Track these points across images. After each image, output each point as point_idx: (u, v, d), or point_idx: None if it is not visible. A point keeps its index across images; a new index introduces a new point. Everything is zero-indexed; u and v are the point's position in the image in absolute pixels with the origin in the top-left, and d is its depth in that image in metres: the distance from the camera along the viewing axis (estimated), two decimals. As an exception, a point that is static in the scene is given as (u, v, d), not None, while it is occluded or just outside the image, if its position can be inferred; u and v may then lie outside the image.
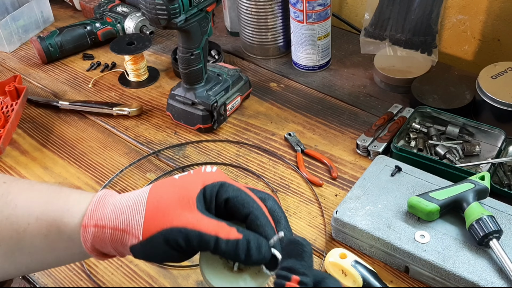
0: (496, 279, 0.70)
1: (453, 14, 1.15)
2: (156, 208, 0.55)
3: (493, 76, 0.97)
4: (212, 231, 0.53)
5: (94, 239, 0.56)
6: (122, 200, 0.57)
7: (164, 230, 0.53)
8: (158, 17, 0.88)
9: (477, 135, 0.95)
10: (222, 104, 1.03)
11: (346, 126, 1.03)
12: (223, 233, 0.53)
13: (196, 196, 0.55)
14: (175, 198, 0.55)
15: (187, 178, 0.57)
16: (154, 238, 0.53)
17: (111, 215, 0.56)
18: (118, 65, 1.25)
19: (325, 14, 1.10)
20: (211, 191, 0.56)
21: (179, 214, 0.53)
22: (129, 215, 0.55)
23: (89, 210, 0.57)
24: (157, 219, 0.54)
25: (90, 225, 0.56)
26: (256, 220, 0.55)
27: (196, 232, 0.53)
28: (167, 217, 0.53)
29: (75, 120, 1.10)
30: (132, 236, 0.55)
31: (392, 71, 1.10)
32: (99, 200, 0.57)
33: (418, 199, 0.77)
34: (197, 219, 0.53)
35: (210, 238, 0.53)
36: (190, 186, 0.56)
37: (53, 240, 0.58)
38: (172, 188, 0.56)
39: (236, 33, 1.29)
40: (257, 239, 0.54)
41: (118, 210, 0.56)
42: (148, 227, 0.54)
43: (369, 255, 0.80)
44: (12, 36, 1.31)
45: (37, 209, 0.58)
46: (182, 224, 0.53)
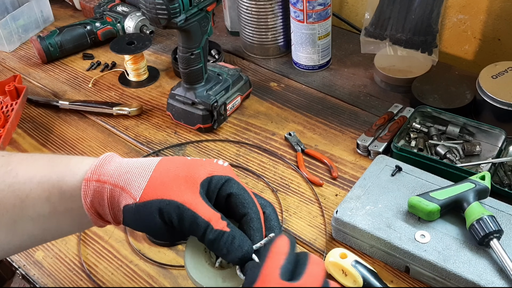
0: (496, 279, 0.70)
1: (454, 13, 1.15)
2: (160, 178, 0.55)
3: (493, 76, 0.97)
4: (207, 217, 0.53)
5: (94, 194, 0.56)
6: (129, 161, 0.58)
7: (163, 200, 0.54)
8: (158, 16, 0.88)
9: (478, 135, 0.95)
10: (222, 104, 1.03)
11: (347, 126, 1.03)
12: (215, 222, 0.53)
13: (201, 181, 0.55)
14: (181, 175, 0.55)
15: (198, 162, 0.58)
16: (150, 203, 0.54)
17: (114, 173, 0.56)
18: (118, 65, 1.24)
19: (326, 13, 1.10)
20: (217, 182, 0.56)
21: (181, 191, 0.54)
22: (133, 176, 0.56)
23: (94, 165, 0.57)
24: (159, 188, 0.54)
25: (92, 179, 0.56)
26: (250, 222, 0.56)
27: (191, 212, 0.53)
28: (169, 189, 0.54)
29: (75, 120, 1.10)
30: (130, 196, 0.55)
31: (393, 70, 1.10)
32: (105, 158, 0.58)
33: (419, 199, 0.77)
34: (196, 201, 0.54)
35: (202, 222, 0.53)
36: (199, 170, 0.56)
37: (55, 202, 0.58)
38: (181, 165, 0.57)
39: (236, 32, 1.29)
40: (242, 238, 0.54)
41: (123, 168, 0.56)
42: (147, 192, 0.54)
43: (369, 255, 0.79)
44: (12, 36, 1.31)
45: (38, 174, 0.59)
46: (181, 201, 0.54)
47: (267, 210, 0.58)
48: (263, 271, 0.50)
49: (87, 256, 0.83)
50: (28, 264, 0.82)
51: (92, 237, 0.85)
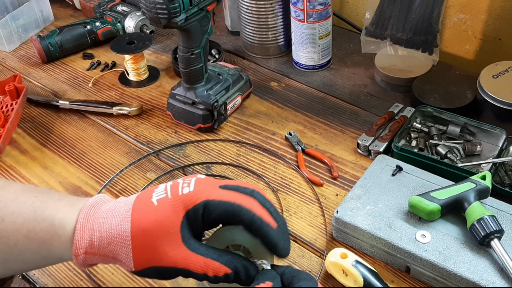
0: (497, 279, 0.70)
1: (454, 13, 1.15)
2: (143, 246, 0.55)
3: (494, 76, 0.97)
4: (200, 270, 0.55)
5: (86, 261, 0.58)
6: (105, 225, 0.57)
7: (155, 267, 0.55)
8: (158, 16, 0.88)
9: (478, 135, 0.95)
10: (222, 104, 1.02)
11: (347, 126, 1.03)
12: (211, 271, 0.55)
13: (179, 227, 0.55)
14: (160, 234, 0.55)
15: (166, 205, 0.56)
16: (146, 272, 0.56)
17: (99, 245, 0.57)
18: (118, 65, 1.24)
19: (326, 13, 1.09)
20: (195, 216, 0.56)
21: (167, 252, 0.55)
22: (116, 247, 0.56)
23: (76, 239, 0.57)
24: (146, 256, 0.55)
25: (80, 254, 0.58)
26: (249, 224, 0.55)
27: (185, 270, 0.55)
28: (156, 255, 0.55)
29: (75, 120, 1.09)
30: (125, 266, 0.57)
31: (393, 70, 1.10)
32: (82, 228, 0.58)
33: (419, 198, 0.77)
34: (185, 257, 0.55)
35: (199, 275, 0.55)
36: (172, 215, 0.55)
37: (45, 255, 0.60)
38: (154, 220, 0.55)
39: (236, 32, 1.29)
40: (245, 268, 0.56)
41: (104, 240, 0.57)
42: (138, 262, 0.56)
43: (370, 255, 0.79)
44: (12, 35, 1.31)
45: (24, 226, 0.59)
46: (171, 263, 0.55)
47: (257, 198, 0.57)
48: None
49: (87, 256, 0.83)
50: (28, 264, 0.82)
51: (92, 237, 0.85)
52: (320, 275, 0.77)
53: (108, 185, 0.94)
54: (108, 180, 0.95)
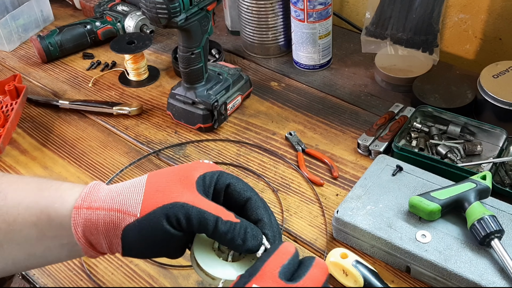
0: (497, 279, 0.70)
1: (455, 13, 1.15)
2: (156, 187, 0.54)
3: (494, 75, 0.97)
4: (213, 211, 0.53)
5: (85, 223, 0.55)
6: (118, 185, 0.57)
7: (165, 205, 0.53)
8: (158, 16, 0.88)
9: (479, 135, 0.94)
10: (222, 103, 1.02)
11: (347, 126, 1.03)
12: (223, 214, 0.53)
13: (196, 180, 0.55)
14: (175, 178, 0.55)
15: (186, 165, 0.58)
16: (154, 213, 0.53)
17: (106, 198, 0.55)
18: (118, 64, 1.24)
19: (326, 13, 1.09)
20: (211, 178, 0.57)
21: (180, 192, 0.54)
22: (127, 195, 0.54)
23: (84, 193, 0.56)
24: (157, 196, 0.54)
25: (82, 207, 0.55)
26: (256, 203, 0.57)
27: (198, 209, 0.53)
28: (168, 194, 0.53)
29: (75, 120, 1.09)
30: (129, 215, 0.53)
31: (393, 70, 1.10)
32: (94, 185, 0.57)
33: (420, 198, 0.77)
34: (198, 198, 0.54)
35: (211, 217, 0.53)
36: (190, 171, 0.56)
37: (43, 228, 0.57)
38: (171, 172, 0.56)
39: (236, 32, 1.29)
40: (253, 227, 0.55)
41: (114, 193, 0.55)
42: (147, 204, 0.53)
43: (370, 255, 0.79)
44: (11, 35, 1.31)
45: (27, 198, 0.57)
46: (184, 200, 0.53)
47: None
48: (264, 267, 0.50)
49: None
50: (28, 264, 0.82)
51: (92, 237, 0.85)
52: (320, 275, 0.77)
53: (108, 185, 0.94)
54: (108, 180, 0.95)
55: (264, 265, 0.50)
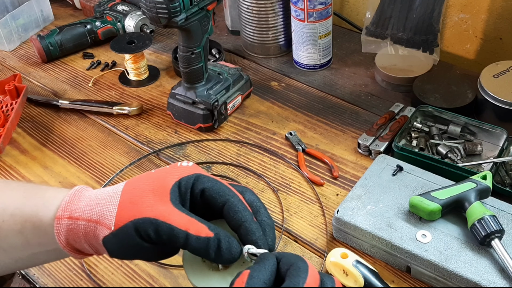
0: (498, 279, 0.69)
1: (455, 12, 1.15)
2: (129, 199, 0.54)
3: (495, 75, 0.97)
4: (183, 226, 0.52)
5: (68, 232, 0.55)
6: (98, 193, 0.57)
7: (136, 220, 0.52)
8: (158, 15, 0.88)
9: (479, 134, 0.94)
10: (222, 103, 1.02)
11: (348, 125, 1.03)
12: (194, 229, 0.52)
13: (170, 188, 0.54)
14: (149, 189, 0.54)
15: (162, 171, 0.57)
16: (125, 227, 0.53)
17: (85, 208, 0.55)
18: (118, 64, 1.24)
19: (326, 12, 1.09)
20: (186, 183, 0.55)
21: (152, 205, 0.53)
22: (103, 207, 0.54)
23: (64, 202, 0.56)
24: (129, 209, 0.53)
25: (63, 217, 0.55)
26: (234, 207, 0.54)
27: (166, 225, 0.52)
28: (140, 207, 0.53)
29: (75, 119, 1.09)
30: (105, 227, 0.54)
31: (394, 70, 1.10)
32: (74, 193, 0.57)
33: (420, 198, 0.77)
34: (169, 212, 0.53)
35: (180, 232, 0.52)
36: (165, 178, 0.55)
37: (28, 236, 0.57)
38: (146, 180, 0.55)
39: (237, 31, 1.29)
40: (228, 238, 0.53)
41: (93, 202, 0.55)
42: (120, 217, 0.53)
43: (370, 255, 0.79)
44: (12, 35, 1.31)
45: (11, 205, 0.58)
46: (153, 215, 0.52)
47: (247, 195, 0.57)
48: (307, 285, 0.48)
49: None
50: (28, 264, 0.82)
51: (92, 237, 0.85)
52: (321, 275, 0.77)
53: (108, 185, 0.94)
54: (108, 180, 0.95)
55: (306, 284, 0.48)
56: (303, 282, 0.48)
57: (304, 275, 0.49)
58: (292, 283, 0.48)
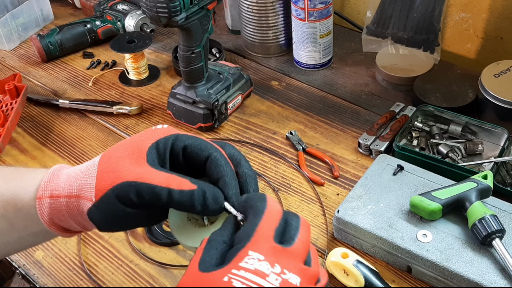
0: (498, 278, 0.69)
1: (456, 12, 1.14)
2: (106, 168, 0.53)
3: (496, 75, 0.97)
4: (164, 183, 0.51)
5: (51, 211, 0.55)
6: (76, 169, 0.56)
7: (115, 186, 0.51)
8: (158, 15, 0.88)
9: (480, 134, 0.94)
10: (223, 103, 1.02)
11: (348, 125, 1.02)
12: (175, 184, 0.51)
13: (147, 151, 0.53)
14: (125, 154, 0.53)
15: (137, 136, 0.55)
16: (106, 196, 0.52)
17: (65, 184, 0.54)
18: (119, 64, 1.24)
19: (327, 12, 1.09)
20: (165, 144, 0.54)
21: (129, 169, 0.52)
22: (82, 180, 0.54)
23: (43, 181, 0.55)
24: (107, 177, 0.52)
25: (44, 196, 0.54)
26: (216, 161, 0.53)
27: (146, 185, 0.51)
28: (117, 173, 0.52)
29: (75, 119, 1.09)
30: (87, 200, 0.53)
31: (394, 69, 1.09)
32: (53, 172, 0.56)
33: (421, 198, 0.76)
34: (147, 172, 0.51)
35: (162, 189, 0.50)
36: (141, 141, 0.54)
37: (11, 219, 0.56)
38: (122, 147, 0.54)
39: (237, 31, 1.29)
40: (212, 189, 0.52)
41: (72, 178, 0.55)
42: (99, 187, 0.52)
43: (371, 255, 0.79)
44: (11, 34, 1.31)
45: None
46: (131, 178, 0.51)
47: (226, 149, 0.56)
48: (258, 231, 0.46)
49: (87, 256, 0.82)
50: (28, 264, 0.82)
51: (92, 237, 0.85)
52: (321, 275, 0.77)
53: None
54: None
55: (257, 229, 0.46)
56: (254, 229, 0.46)
57: (258, 217, 0.47)
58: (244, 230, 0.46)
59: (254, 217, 0.47)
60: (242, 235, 0.46)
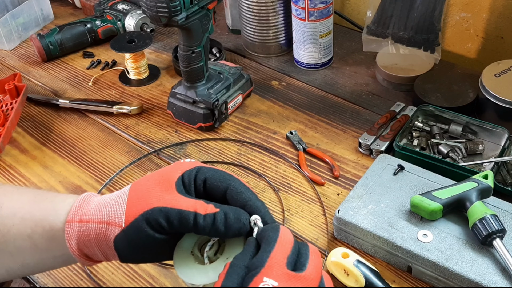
0: (499, 278, 0.69)
1: (456, 11, 1.14)
2: (137, 195, 0.56)
3: (496, 74, 0.97)
4: (191, 208, 0.54)
5: (78, 236, 0.56)
6: (106, 197, 0.58)
7: (145, 212, 0.54)
8: (159, 14, 0.88)
9: (480, 134, 0.94)
10: (223, 103, 1.02)
11: (348, 125, 1.02)
12: (201, 209, 0.54)
13: (175, 181, 0.56)
14: (154, 183, 0.56)
15: (166, 168, 0.59)
16: (136, 221, 0.54)
17: (95, 210, 0.57)
18: (119, 63, 1.24)
19: (327, 11, 1.09)
20: (189, 175, 0.57)
21: (159, 196, 0.55)
22: (113, 207, 0.56)
23: (74, 206, 0.58)
24: (138, 204, 0.55)
25: (74, 220, 0.56)
26: (235, 189, 0.56)
27: (175, 210, 0.53)
28: (148, 200, 0.55)
29: (75, 119, 1.09)
30: (116, 226, 0.55)
31: (395, 69, 1.09)
32: (84, 198, 0.59)
33: (421, 198, 0.76)
34: (176, 199, 0.54)
35: (189, 214, 0.53)
36: (170, 173, 0.57)
37: (37, 240, 0.58)
38: (152, 177, 0.57)
39: (237, 30, 1.29)
40: (234, 210, 0.55)
41: (102, 205, 0.57)
42: (130, 213, 0.55)
43: (371, 255, 0.79)
44: (11, 34, 1.31)
45: (22, 209, 0.59)
46: (161, 204, 0.54)
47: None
48: (271, 258, 0.49)
49: (87, 256, 0.82)
50: (28, 264, 0.82)
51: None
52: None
53: (108, 184, 0.94)
54: (109, 180, 0.95)
55: (271, 256, 0.49)
56: (267, 256, 0.49)
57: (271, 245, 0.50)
58: (255, 258, 0.49)
59: (267, 245, 0.50)
60: (257, 261, 0.49)
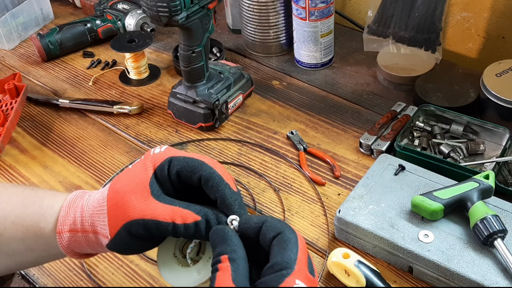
0: (500, 279, 0.69)
1: (457, 11, 1.14)
2: (115, 205, 0.55)
3: (497, 74, 0.97)
4: (168, 218, 0.53)
5: (70, 243, 0.58)
6: (89, 201, 0.58)
7: (125, 224, 0.54)
8: (159, 14, 0.88)
9: (482, 134, 0.94)
10: (223, 102, 1.02)
11: (349, 125, 1.02)
12: (179, 219, 0.53)
13: (149, 182, 0.55)
14: (129, 189, 0.55)
15: (138, 165, 0.57)
16: (119, 233, 0.55)
17: (82, 220, 0.57)
18: (119, 63, 1.24)
19: (328, 11, 1.09)
20: (161, 171, 0.56)
21: (135, 206, 0.54)
22: (95, 217, 0.57)
23: (61, 216, 0.58)
24: (118, 215, 0.55)
25: (64, 231, 0.58)
26: (207, 180, 0.55)
27: (153, 221, 0.53)
28: (126, 211, 0.54)
29: (75, 119, 1.09)
30: (103, 236, 0.56)
31: (396, 69, 1.09)
32: (69, 205, 0.59)
33: (422, 198, 0.76)
34: (152, 207, 0.54)
35: (168, 225, 0.53)
36: (143, 172, 0.56)
37: (31, 244, 0.59)
38: (126, 180, 0.56)
39: (238, 30, 1.28)
40: (215, 215, 0.54)
41: (86, 213, 0.58)
42: (112, 225, 0.55)
43: (372, 255, 0.79)
44: (11, 34, 1.31)
45: (12, 213, 0.60)
46: (139, 215, 0.54)
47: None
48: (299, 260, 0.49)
49: (87, 256, 0.82)
50: (27, 264, 0.82)
51: (92, 237, 0.85)
52: (322, 275, 0.77)
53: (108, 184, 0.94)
54: (109, 180, 0.94)
55: (298, 258, 0.49)
56: (295, 258, 0.49)
57: (295, 249, 0.50)
58: (283, 258, 0.49)
59: (293, 245, 0.50)
60: (284, 262, 0.48)
